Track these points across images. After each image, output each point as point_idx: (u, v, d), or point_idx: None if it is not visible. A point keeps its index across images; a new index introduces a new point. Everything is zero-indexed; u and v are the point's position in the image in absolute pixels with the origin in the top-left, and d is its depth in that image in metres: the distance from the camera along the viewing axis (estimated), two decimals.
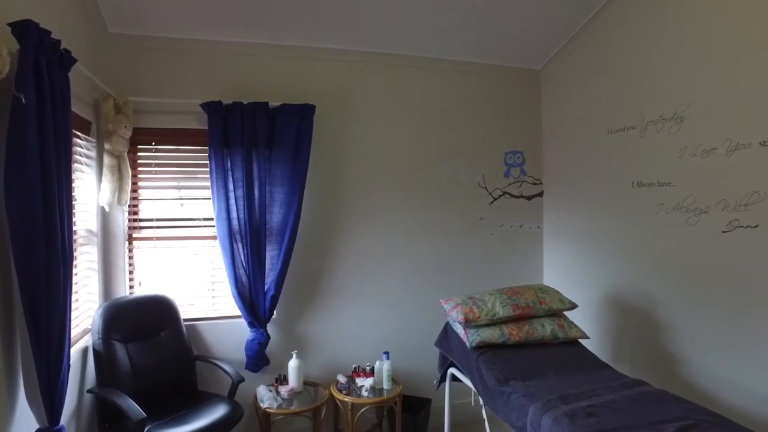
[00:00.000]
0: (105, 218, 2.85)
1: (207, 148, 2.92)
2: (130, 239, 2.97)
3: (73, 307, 2.43)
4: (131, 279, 2.97)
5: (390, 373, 2.99)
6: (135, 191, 2.97)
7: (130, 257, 2.97)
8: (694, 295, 2.50)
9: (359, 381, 2.98)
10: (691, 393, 2.41)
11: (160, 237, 3.04)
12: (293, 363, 2.95)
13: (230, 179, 2.92)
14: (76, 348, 2.41)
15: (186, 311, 3.03)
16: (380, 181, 3.37)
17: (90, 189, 2.72)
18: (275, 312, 3.10)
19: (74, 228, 2.47)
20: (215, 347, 3.06)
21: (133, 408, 2.18)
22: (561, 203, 3.56)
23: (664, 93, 2.64)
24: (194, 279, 3.11)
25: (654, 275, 2.74)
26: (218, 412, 2.49)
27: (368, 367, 3.06)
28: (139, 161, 2.99)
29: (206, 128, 2.90)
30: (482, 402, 2.41)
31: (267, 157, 3.00)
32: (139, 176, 3.00)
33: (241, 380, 2.73)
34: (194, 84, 3.00)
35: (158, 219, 3.04)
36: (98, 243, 2.76)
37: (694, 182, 2.48)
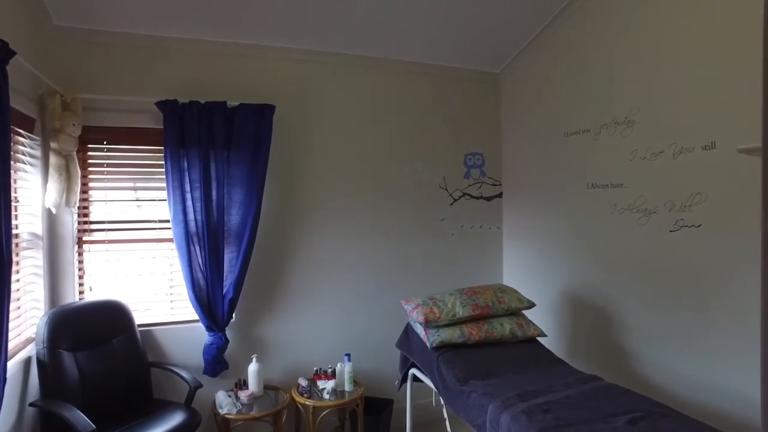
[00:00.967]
0: (52, 221, 2.71)
1: (163, 148, 2.82)
2: (80, 242, 2.84)
3: (15, 316, 2.32)
4: (81, 284, 2.84)
5: (352, 375, 2.98)
6: (85, 192, 2.84)
7: (80, 261, 2.84)
8: (645, 293, 2.60)
9: (321, 384, 2.95)
10: (643, 386, 2.51)
11: (114, 240, 2.92)
12: (253, 367, 2.89)
13: (187, 180, 2.84)
14: (18, 359, 2.27)
15: (142, 316, 2.93)
16: (341, 183, 3.35)
17: (35, 190, 2.58)
18: (234, 315, 3.03)
19: (16, 231, 2.35)
20: (172, 353, 2.96)
21: (81, 420, 2.09)
22: (520, 204, 3.63)
23: (617, 98, 2.73)
24: (152, 283, 3.01)
25: (608, 273, 2.83)
26: (174, 420, 2.41)
27: (330, 370, 3.04)
28: (90, 161, 2.86)
29: (162, 127, 2.81)
30: (443, 402, 2.43)
31: (225, 158, 2.93)
32: (90, 177, 2.87)
33: (199, 386, 2.66)
34: (149, 82, 2.89)
35: (111, 221, 2.92)
36: (44, 247, 2.63)
37: (644, 184, 2.58)
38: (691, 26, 2.32)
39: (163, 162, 2.82)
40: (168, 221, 2.88)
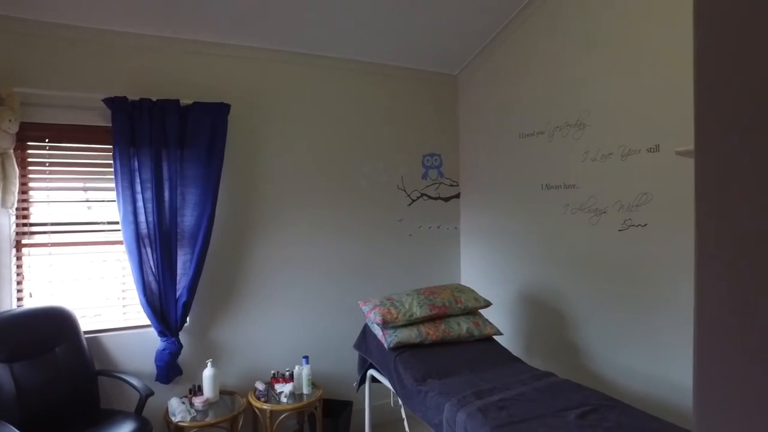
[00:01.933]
0: None
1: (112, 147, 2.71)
2: (19, 245, 2.68)
3: None
4: (20, 290, 2.68)
5: (310, 378, 2.94)
6: (25, 193, 2.68)
7: (19, 266, 2.68)
8: (596, 290, 2.69)
9: (278, 387, 2.90)
10: (595, 381, 2.59)
11: (59, 243, 2.77)
12: (208, 372, 2.81)
13: (138, 180, 2.73)
14: None
15: (91, 323, 2.79)
16: (298, 183, 3.31)
17: None
18: (188, 319, 2.94)
19: None
20: (123, 360, 2.84)
21: None
22: (477, 204, 3.69)
23: (569, 100, 2.82)
24: (103, 287, 2.87)
25: (562, 272, 2.91)
26: (123, 430, 2.32)
27: (287, 373, 2.99)
28: (30, 159, 2.71)
29: (110, 125, 2.69)
30: (401, 402, 2.43)
31: (178, 158, 2.84)
32: (30, 176, 2.71)
33: (150, 394, 2.56)
34: (96, 77, 2.76)
35: (55, 223, 2.77)
36: None
37: (595, 184, 2.67)
38: (636, 36, 2.42)
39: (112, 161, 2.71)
40: (117, 222, 2.76)
